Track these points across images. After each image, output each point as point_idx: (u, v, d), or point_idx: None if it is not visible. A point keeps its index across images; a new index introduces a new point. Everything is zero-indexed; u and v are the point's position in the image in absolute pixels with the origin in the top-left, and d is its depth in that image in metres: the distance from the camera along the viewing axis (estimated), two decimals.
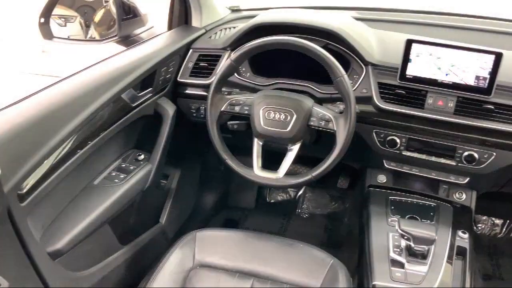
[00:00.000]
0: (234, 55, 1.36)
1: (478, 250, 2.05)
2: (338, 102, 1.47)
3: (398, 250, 1.28)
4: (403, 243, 1.28)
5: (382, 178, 1.61)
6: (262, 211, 2.31)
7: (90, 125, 1.23)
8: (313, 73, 1.48)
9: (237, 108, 1.38)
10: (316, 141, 1.51)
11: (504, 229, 2.17)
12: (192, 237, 1.37)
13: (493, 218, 2.19)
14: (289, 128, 1.31)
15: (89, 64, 1.35)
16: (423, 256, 1.25)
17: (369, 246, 1.33)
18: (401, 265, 1.23)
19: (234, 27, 1.70)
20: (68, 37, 1.81)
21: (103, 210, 1.28)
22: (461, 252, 1.31)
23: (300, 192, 2.36)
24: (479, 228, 2.18)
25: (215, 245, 1.36)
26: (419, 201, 1.49)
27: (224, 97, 1.40)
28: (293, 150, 1.35)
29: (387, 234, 1.34)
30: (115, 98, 1.32)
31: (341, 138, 1.28)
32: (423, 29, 1.66)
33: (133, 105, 1.43)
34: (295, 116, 1.31)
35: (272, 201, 2.39)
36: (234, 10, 1.90)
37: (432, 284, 1.18)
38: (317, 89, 1.49)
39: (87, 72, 1.32)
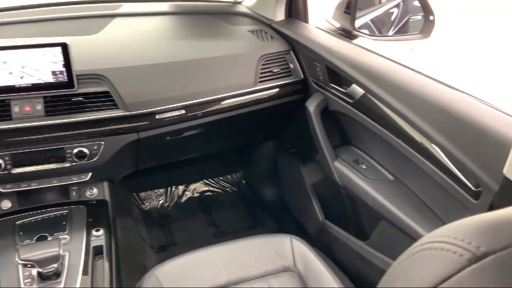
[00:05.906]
0: None
1: (150, 226, 2.12)
2: None
3: (30, 279, 1.14)
4: (33, 271, 1.15)
5: (6, 205, 1.42)
6: None
7: None
8: None
9: None
10: None
11: (168, 196, 2.31)
12: None
13: (156, 190, 2.30)
14: None
15: None
16: (57, 275, 1.15)
17: None
18: None
19: None
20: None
21: None
22: (98, 251, 1.27)
23: None
24: (147, 204, 2.26)
25: None
26: (51, 214, 1.38)
27: None
28: None
29: (16, 266, 1.18)
30: None
31: None
32: None
33: None
34: None
35: None
36: None
37: None
38: None
39: None
